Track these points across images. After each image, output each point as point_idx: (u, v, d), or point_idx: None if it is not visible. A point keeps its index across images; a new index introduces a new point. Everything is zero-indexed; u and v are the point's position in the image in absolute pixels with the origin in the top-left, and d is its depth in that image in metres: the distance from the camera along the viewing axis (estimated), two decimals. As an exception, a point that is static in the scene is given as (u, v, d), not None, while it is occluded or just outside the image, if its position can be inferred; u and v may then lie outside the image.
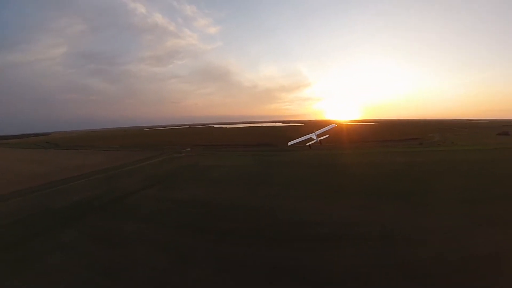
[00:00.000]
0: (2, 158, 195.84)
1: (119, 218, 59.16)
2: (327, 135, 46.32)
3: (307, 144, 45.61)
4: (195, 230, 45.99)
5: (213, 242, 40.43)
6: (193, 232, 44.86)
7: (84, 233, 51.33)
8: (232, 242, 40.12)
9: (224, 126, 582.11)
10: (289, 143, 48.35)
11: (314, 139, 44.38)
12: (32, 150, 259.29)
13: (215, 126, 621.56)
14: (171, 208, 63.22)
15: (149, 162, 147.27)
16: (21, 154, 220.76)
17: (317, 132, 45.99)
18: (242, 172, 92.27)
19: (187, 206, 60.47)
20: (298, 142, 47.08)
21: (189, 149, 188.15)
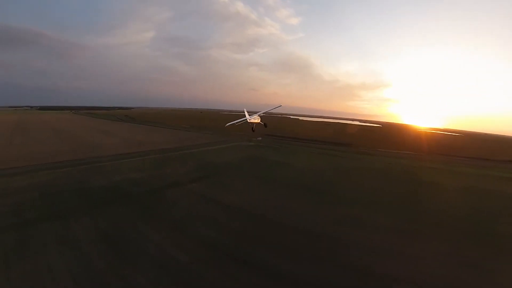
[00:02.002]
0: (79, 125, 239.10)
1: (145, 216, 52.97)
2: (259, 120, 50.73)
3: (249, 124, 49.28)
4: (226, 258, 40.41)
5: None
6: (221, 262, 39.38)
7: (94, 228, 47.33)
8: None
9: (300, 118, 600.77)
10: (227, 125, 52.50)
11: (249, 119, 49.24)
12: (110, 121, 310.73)
13: (291, 117, 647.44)
14: (212, 216, 53.84)
15: (214, 147, 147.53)
16: (97, 124, 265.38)
17: (253, 115, 50.07)
18: (312, 178, 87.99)
19: (232, 216, 55.64)
20: (237, 123, 50.80)
21: (260, 138, 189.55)
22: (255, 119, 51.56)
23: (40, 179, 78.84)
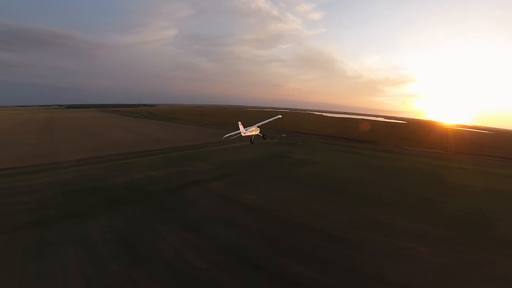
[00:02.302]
0: (103, 123, 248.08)
1: (160, 217, 51.97)
2: (257, 132, 56.85)
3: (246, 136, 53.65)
4: (244, 263, 38.67)
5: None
6: (238, 267, 37.64)
7: (110, 228, 47.00)
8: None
9: (324, 114, 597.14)
10: (224, 137, 56.63)
11: (244, 133, 53.86)
12: (133, 118, 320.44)
13: (315, 113, 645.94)
14: (231, 217, 51.73)
15: (236, 145, 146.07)
16: (120, 121, 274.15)
17: (250, 128, 55.98)
18: (337, 177, 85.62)
19: (252, 217, 53.38)
20: (232, 136, 55.20)
21: (284, 134, 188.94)
22: (253, 131, 56.60)
23: (62, 176, 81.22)
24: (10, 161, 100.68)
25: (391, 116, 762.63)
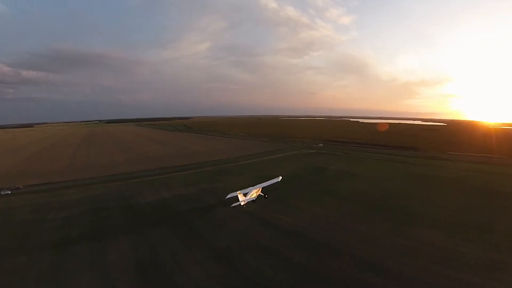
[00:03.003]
0: (139, 136, 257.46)
1: (188, 242, 47.77)
2: (259, 191, 61.11)
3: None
4: None
5: None
6: None
7: (130, 254, 44.13)
8: None
9: (360, 120, 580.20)
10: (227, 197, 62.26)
11: (243, 202, 57.27)
12: (168, 131, 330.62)
13: (351, 119, 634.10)
14: (265, 244, 45.60)
15: (272, 157, 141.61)
16: (155, 135, 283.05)
17: (252, 190, 60.34)
18: (380, 191, 77.19)
19: (290, 244, 47.15)
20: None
21: (321, 144, 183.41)
22: (254, 192, 59.88)
23: (92, 192, 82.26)
24: (46, 176, 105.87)
25: (428, 119, 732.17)
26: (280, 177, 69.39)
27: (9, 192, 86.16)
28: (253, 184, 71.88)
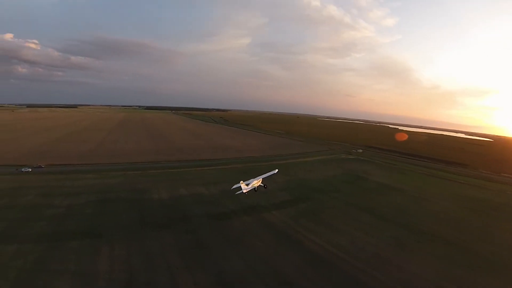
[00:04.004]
0: (172, 125, 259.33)
1: (191, 258, 40.67)
2: (260, 182, 57.40)
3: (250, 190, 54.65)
4: None
5: None
6: None
7: (122, 261, 38.90)
8: None
9: (399, 127, 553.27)
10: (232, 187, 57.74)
11: (245, 190, 53.20)
12: (203, 122, 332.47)
13: (389, 126, 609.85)
14: (288, 276, 37.34)
15: (309, 159, 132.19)
16: (189, 125, 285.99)
17: (252, 181, 57.12)
18: (428, 213, 67.19)
19: (320, 278, 38.36)
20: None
21: (360, 150, 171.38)
22: (255, 183, 57.49)
23: (107, 181, 79.85)
24: (70, 158, 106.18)
25: (472, 132, 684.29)
26: (276, 170, 64.34)
27: (30, 170, 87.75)
28: (283, 191, 64.64)
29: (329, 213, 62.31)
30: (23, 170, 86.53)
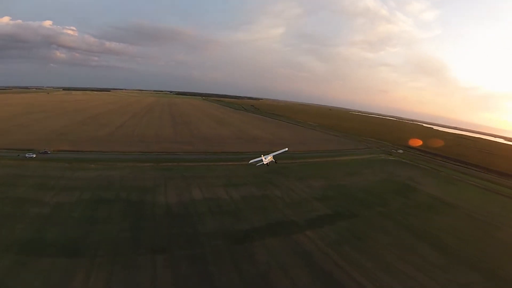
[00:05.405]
0: (200, 111, 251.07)
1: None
2: (271, 159, 62.03)
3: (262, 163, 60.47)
4: None
5: None
6: None
7: None
8: None
9: (434, 127, 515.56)
10: (250, 162, 64.39)
11: (265, 161, 60.32)
12: (233, 110, 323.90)
13: (424, 124, 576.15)
14: None
15: (346, 158, 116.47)
16: (218, 112, 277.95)
17: (267, 156, 61.98)
18: (502, 246, 52.35)
19: None
20: (256, 162, 61.17)
21: (401, 150, 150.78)
22: (269, 158, 61.38)
23: (110, 173, 69.89)
24: (81, 143, 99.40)
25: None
26: (286, 148, 70.45)
27: (34, 156, 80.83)
28: (320, 201, 50.09)
29: (377, 238, 47.78)
30: (27, 156, 79.67)
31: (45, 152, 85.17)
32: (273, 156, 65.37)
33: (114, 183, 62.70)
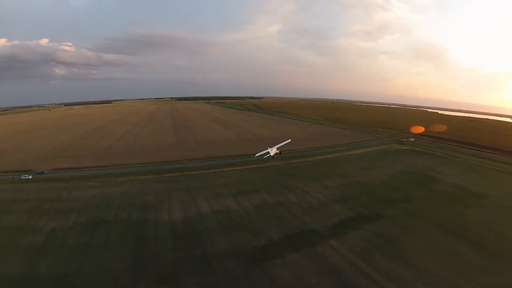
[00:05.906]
0: (202, 115, 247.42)
1: None
2: (276, 150, 69.86)
3: (269, 155, 67.70)
4: None
5: None
6: None
7: None
8: None
9: (439, 112, 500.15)
10: (256, 155, 70.46)
11: (272, 153, 67.72)
12: (235, 111, 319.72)
13: (428, 110, 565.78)
14: None
15: (357, 152, 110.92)
16: (221, 114, 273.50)
17: (273, 148, 69.64)
18: None
19: None
20: (263, 154, 66.99)
21: (412, 139, 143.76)
22: (275, 150, 67.68)
23: (111, 189, 65.64)
24: (80, 159, 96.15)
25: None
26: (289, 140, 75.27)
27: (30, 177, 77.12)
28: (340, 203, 44.56)
29: (410, 242, 42.43)
30: (22, 178, 76.23)
31: (42, 172, 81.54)
32: (278, 148, 70.87)
33: (113, 201, 58.20)
